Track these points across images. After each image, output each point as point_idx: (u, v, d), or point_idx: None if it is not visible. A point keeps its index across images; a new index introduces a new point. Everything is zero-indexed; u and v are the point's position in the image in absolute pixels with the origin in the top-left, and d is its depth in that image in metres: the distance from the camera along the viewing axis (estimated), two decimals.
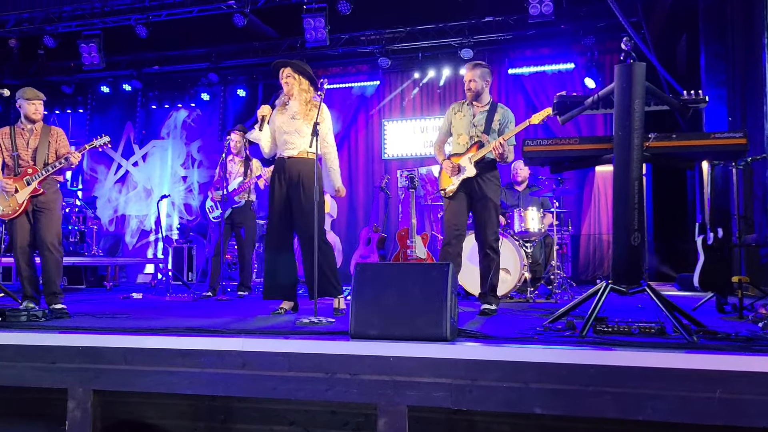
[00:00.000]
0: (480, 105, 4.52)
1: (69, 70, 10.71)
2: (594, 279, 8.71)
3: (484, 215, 4.39)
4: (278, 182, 4.40)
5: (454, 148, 4.59)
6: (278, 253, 4.37)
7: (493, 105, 4.54)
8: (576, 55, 9.17)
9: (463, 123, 4.53)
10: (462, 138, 4.52)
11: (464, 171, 4.41)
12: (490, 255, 4.41)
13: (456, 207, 4.47)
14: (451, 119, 4.63)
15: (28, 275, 4.67)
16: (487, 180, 4.41)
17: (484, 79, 4.48)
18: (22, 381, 3.32)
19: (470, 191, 4.44)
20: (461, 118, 4.55)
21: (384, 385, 2.89)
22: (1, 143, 4.70)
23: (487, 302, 4.43)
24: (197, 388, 3.15)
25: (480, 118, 4.48)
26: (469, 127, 4.49)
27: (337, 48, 9.52)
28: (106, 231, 10.90)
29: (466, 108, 4.57)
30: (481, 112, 4.50)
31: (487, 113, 4.49)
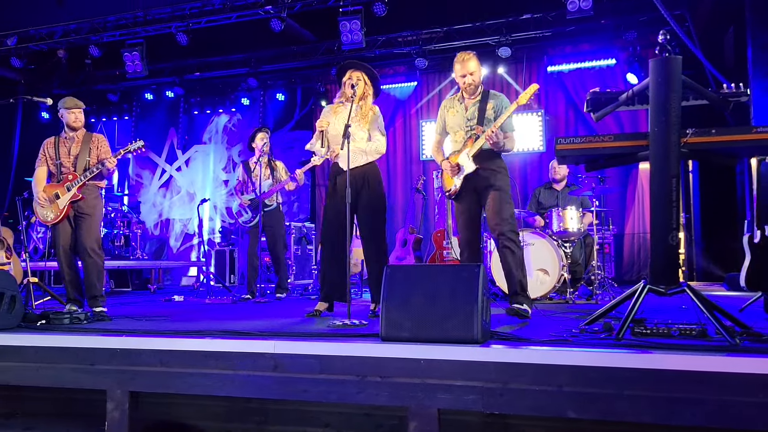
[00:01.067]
0: (472, 97, 4.27)
1: (114, 78, 11.01)
2: (639, 279, 8.40)
3: (492, 205, 4.12)
4: (334, 188, 4.39)
5: (453, 147, 4.37)
6: (331, 256, 4.36)
7: (484, 94, 4.28)
8: (617, 50, 8.96)
9: (457, 119, 4.31)
10: (458, 135, 4.31)
11: (463, 168, 4.18)
12: (508, 247, 4.08)
13: (464, 208, 4.28)
14: (444, 117, 4.41)
15: (70, 278, 4.81)
16: (491, 171, 4.17)
17: (479, 69, 4.27)
18: (63, 382, 3.40)
19: (475, 186, 4.21)
20: (454, 114, 4.33)
21: (414, 388, 2.87)
22: (46, 152, 4.85)
23: (518, 302, 4.07)
24: (230, 390, 3.19)
25: (473, 111, 4.23)
26: (464, 122, 4.26)
27: (374, 50, 9.53)
28: (151, 235, 11.16)
29: (457, 103, 4.34)
30: (473, 104, 4.25)
31: (479, 103, 4.23)
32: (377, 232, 4.36)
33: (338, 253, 4.31)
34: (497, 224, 4.10)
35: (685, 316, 3.90)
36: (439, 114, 4.48)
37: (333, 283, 4.35)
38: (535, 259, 5.43)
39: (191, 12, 8.93)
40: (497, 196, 4.12)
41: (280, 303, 5.89)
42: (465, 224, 4.28)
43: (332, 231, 4.37)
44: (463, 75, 4.22)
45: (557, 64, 9.33)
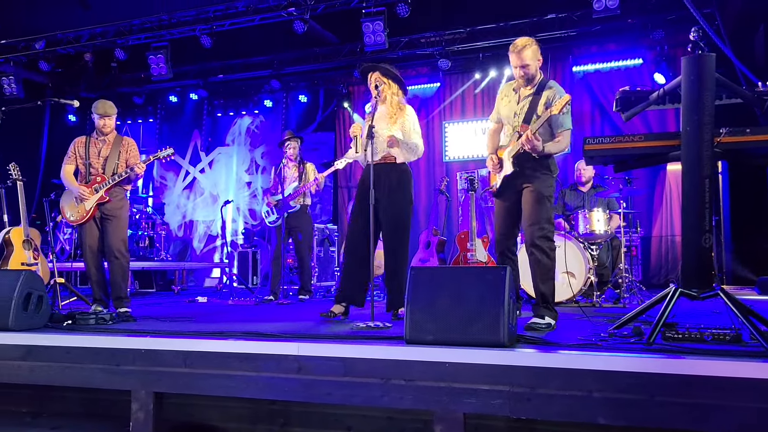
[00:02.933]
0: (526, 89, 3.91)
1: (139, 81, 11.12)
2: (667, 282, 8.34)
3: (528, 209, 3.84)
4: (363, 187, 4.32)
5: (502, 140, 4.10)
6: (354, 258, 4.34)
7: (540, 85, 3.89)
8: (644, 49, 8.82)
9: (507, 110, 3.99)
10: (508, 128, 4.00)
11: (505, 167, 3.96)
12: (535, 255, 3.80)
13: (502, 206, 4.06)
14: (498, 105, 4.11)
15: (96, 279, 4.85)
16: (534, 171, 3.85)
17: (536, 59, 3.88)
18: (89, 382, 3.42)
19: (517, 185, 3.92)
20: (507, 104, 4.01)
21: (440, 392, 2.82)
22: (76, 151, 4.90)
23: (539, 315, 3.80)
24: (254, 392, 3.17)
25: (524, 104, 3.90)
26: (512, 116, 3.95)
27: (397, 51, 9.50)
28: (175, 236, 11.24)
29: (512, 92, 4.01)
30: (526, 96, 3.90)
31: (532, 97, 3.87)
32: (399, 236, 4.33)
33: (360, 256, 4.28)
34: (527, 230, 3.88)
35: (717, 320, 3.80)
36: (496, 100, 4.18)
37: (353, 287, 4.34)
38: (561, 261, 5.32)
39: (215, 15, 8.98)
40: (532, 200, 3.83)
41: (302, 305, 5.88)
42: (499, 223, 4.10)
43: (356, 232, 4.34)
44: (515, 66, 3.88)
45: (582, 64, 9.22)
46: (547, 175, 3.91)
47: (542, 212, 3.83)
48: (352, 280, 4.34)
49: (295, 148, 6.43)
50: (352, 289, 4.37)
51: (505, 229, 4.09)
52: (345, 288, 4.39)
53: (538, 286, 3.86)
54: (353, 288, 4.37)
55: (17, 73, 10.32)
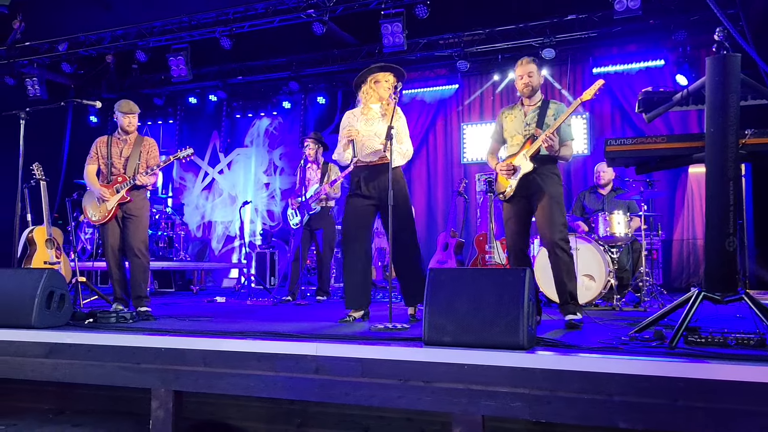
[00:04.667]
0: (531, 104, 4.26)
1: (160, 82, 11.22)
2: (688, 286, 8.25)
3: (546, 212, 4.04)
4: (359, 188, 4.37)
5: (509, 151, 4.32)
6: (357, 261, 4.33)
7: (544, 102, 4.26)
8: (666, 51, 8.72)
9: (515, 124, 4.28)
10: (516, 138, 4.26)
11: (520, 169, 4.14)
12: (560, 255, 4.00)
13: (514, 211, 4.21)
14: (502, 123, 4.38)
15: (117, 278, 4.89)
16: (545, 176, 4.11)
17: (539, 74, 4.29)
18: (110, 380, 3.45)
19: (529, 191, 4.14)
20: (512, 120, 4.31)
21: (458, 394, 2.81)
22: (98, 151, 4.96)
23: (570, 312, 4.01)
24: (272, 392, 3.18)
25: (532, 116, 4.20)
26: (522, 126, 4.23)
27: (415, 53, 9.48)
28: (194, 237, 11.32)
29: (516, 110, 4.33)
30: (533, 110, 4.23)
31: (539, 109, 4.21)
32: (408, 233, 4.32)
33: (363, 257, 4.30)
34: (549, 231, 4.02)
35: (741, 325, 3.75)
36: (497, 122, 4.44)
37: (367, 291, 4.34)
38: (581, 264, 5.29)
39: (234, 16, 9.04)
40: (550, 202, 4.05)
41: (320, 306, 5.90)
42: (514, 228, 4.21)
43: (357, 232, 4.34)
44: (521, 76, 4.23)
45: (603, 65, 9.13)
46: (557, 180, 4.18)
47: (560, 215, 4.06)
48: (364, 284, 4.34)
49: (312, 148, 6.42)
50: (366, 294, 4.39)
51: (519, 230, 4.22)
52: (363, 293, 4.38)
53: (565, 285, 4.01)
54: (366, 292, 4.38)
55: (40, 74, 10.47)
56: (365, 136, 4.39)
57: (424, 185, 9.98)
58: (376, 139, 4.35)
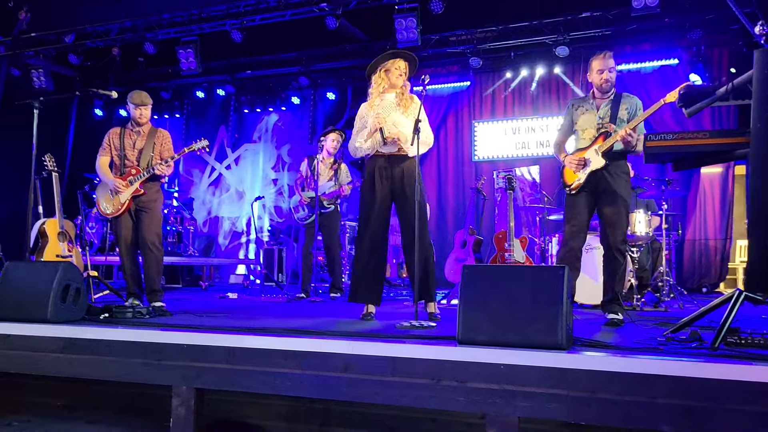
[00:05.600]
0: (604, 98, 4.26)
1: (166, 76, 11.12)
2: (700, 287, 8.18)
3: (613, 214, 4.06)
4: (376, 180, 4.25)
5: (579, 144, 4.30)
6: (371, 255, 4.22)
7: (617, 95, 4.26)
8: (680, 50, 8.63)
9: (588, 118, 4.25)
10: (587, 133, 4.24)
11: (590, 163, 4.11)
12: (618, 259, 4.06)
13: (577, 203, 4.18)
14: (572, 116, 4.35)
15: (131, 272, 4.81)
16: (615, 175, 4.10)
17: (616, 69, 4.30)
18: (129, 377, 3.37)
19: (596, 187, 4.14)
20: (583, 113, 4.27)
21: (494, 394, 2.73)
22: (111, 142, 4.87)
23: (613, 312, 4.07)
24: (299, 390, 3.09)
25: (605, 111, 4.20)
26: (596, 120, 4.21)
27: (427, 49, 9.39)
28: (200, 232, 11.22)
29: (587, 103, 4.30)
30: (605, 104, 4.23)
31: (612, 103, 4.21)
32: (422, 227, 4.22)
33: (376, 249, 4.22)
34: (611, 234, 4.07)
35: None
36: (567, 113, 4.42)
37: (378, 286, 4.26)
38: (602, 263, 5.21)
39: (245, 9, 8.93)
40: (620, 205, 4.07)
41: (335, 303, 5.81)
42: (573, 223, 4.19)
43: (370, 224, 4.22)
44: (601, 70, 4.20)
45: (617, 64, 9.00)
46: (627, 179, 4.21)
47: (626, 219, 4.14)
48: (377, 278, 4.26)
49: (337, 141, 6.30)
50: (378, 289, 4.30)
51: (581, 224, 4.20)
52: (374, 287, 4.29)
53: (614, 285, 4.08)
54: (378, 287, 4.29)
55: (46, 66, 10.36)
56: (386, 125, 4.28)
57: (434, 183, 9.87)
58: (393, 128, 4.23)
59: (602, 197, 4.12)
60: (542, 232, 6.00)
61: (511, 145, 9.57)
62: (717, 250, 8.44)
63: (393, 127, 4.22)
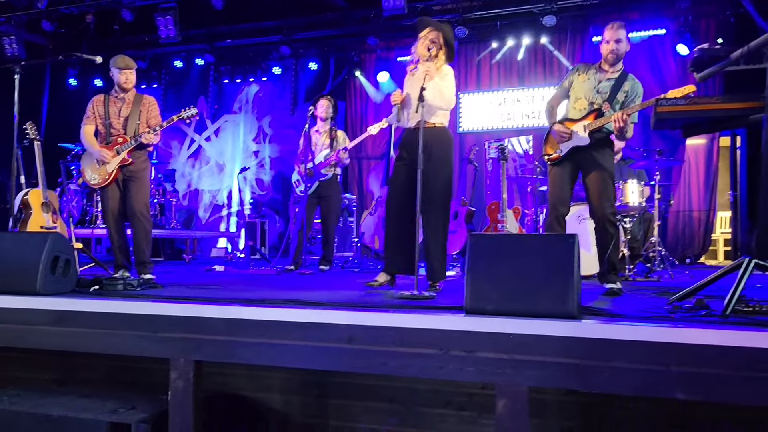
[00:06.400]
0: (610, 71, 4.15)
1: (143, 44, 10.79)
2: (683, 258, 8.26)
3: (599, 185, 4.04)
4: (401, 153, 4.24)
5: (569, 113, 4.22)
6: (399, 225, 4.20)
7: (623, 73, 4.14)
8: (667, 20, 8.60)
9: (585, 86, 4.14)
10: (580, 103, 4.15)
11: (576, 138, 4.06)
12: (609, 230, 4.05)
13: (560, 176, 4.16)
14: (572, 80, 4.23)
15: (119, 244, 4.68)
16: (599, 148, 4.10)
17: (627, 41, 4.15)
18: (124, 350, 3.27)
19: (580, 161, 4.12)
20: (584, 80, 4.16)
21: (503, 364, 2.69)
22: (95, 110, 4.69)
23: (610, 281, 4.07)
24: (301, 362, 3.02)
25: (606, 86, 4.09)
26: (592, 92, 4.10)
27: (412, 17, 9.21)
28: (180, 205, 11.03)
29: (592, 72, 4.19)
30: (609, 79, 4.11)
31: (615, 81, 4.10)
32: (442, 202, 4.18)
33: (407, 222, 4.14)
34: (602, 205, 4.04)
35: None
36: (568, 76, 4.32)
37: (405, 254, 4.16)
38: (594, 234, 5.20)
39: None
40: (605, 176, 4.05)
41: (324, 275, 5.74)
42: (558, 193, 4.16)
43: (398, 197, 4.22)
44: (608, 40, 4.12)
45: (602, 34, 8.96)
46: (611, 152, 4.21)
47: (612, 189, 4.11)
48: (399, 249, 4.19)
49: (327, 106, 6.16)
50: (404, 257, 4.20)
51: (562, 197, 4.16)
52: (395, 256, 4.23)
53: (609, 256, 4.07)
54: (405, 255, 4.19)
55: (18, 33, 9.98)
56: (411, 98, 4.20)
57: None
58: (414, 102, 4.11)
59: (586, 168, 4.10)
60: (534, 203, 5.97)
61: (497, 116, 9.50)
62: (701, 222, 8.52)
63: (414, 101, 4.09)
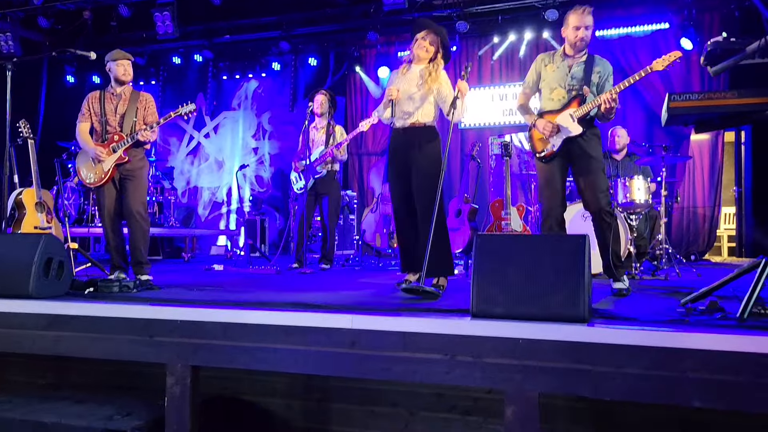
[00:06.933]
0: (577, 57, 3.96)
1: (141, 41, 10.66)
2: (688, 255, 8.15)
3: (591, 177, 3.88)
4: (395, 153, 4.18)
5: (546, 105, 4.05)
6: (406, 226, 4.16)
7: (590, 57, 3.97)
8: (671, 14, 8.49)
9: (558, 75, 3.96)
10: (557, 93, 3.97)
11: (565, 130, 3.89)
12: (606, 220, 3.90)
13: (552, 174, 4.00)
14: (540, 71, 4.07)
15: (115, 244, 4.58)
16: (588, 138, 3.90)
17: (593, 27, 3.96)
18: (119, 355, 3.17)
19: (570, 152, 3.93)
20: (553, 70, 3.99)
21: (513, 370, 2.59)
22: (90, 107, 4.59)
23: (618, 279, 3.94)
24: (302, 367, 2.93)
25: (578, 70, 3.92)
26: (566, 79, 3.93)
27: (413, 12, 9.10)
28: (179, 203, 10.92)
29: (558, 59, 4.01)
30: (578, 64, 3.94)
31: (584, 65, 3.93)
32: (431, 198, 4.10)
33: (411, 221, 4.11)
34: (595, 198, 3.88)
35: None
36: (534, 67, 4.14)
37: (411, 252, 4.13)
38: None
39: None
40: (594, 167, 3.88)
41: (328, 274, 5.64)
42: (553, 190, 4.00)
43: (398, 196, 4.18)
44: (577, 27, 3.88)
45: (606, 28, 8.87)
46: (598, 140, 4.00)
47: (604, 180, 3.93)
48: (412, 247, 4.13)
49: (322, 103, 6.06)
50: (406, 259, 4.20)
51: (558, 193, 4.01)
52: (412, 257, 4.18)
53: (611, 251, 3.92)
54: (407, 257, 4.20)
55: (14, 30, 9.86)
56: (402, 98, 4.16)
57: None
58: (409, 102, 4.12)
59: (577, 162, 3.93)
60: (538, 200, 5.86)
61: (498, 111, 9.40)
62: (706, 218, 8.43)
63: (410, 101, 4.10)
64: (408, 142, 4.12)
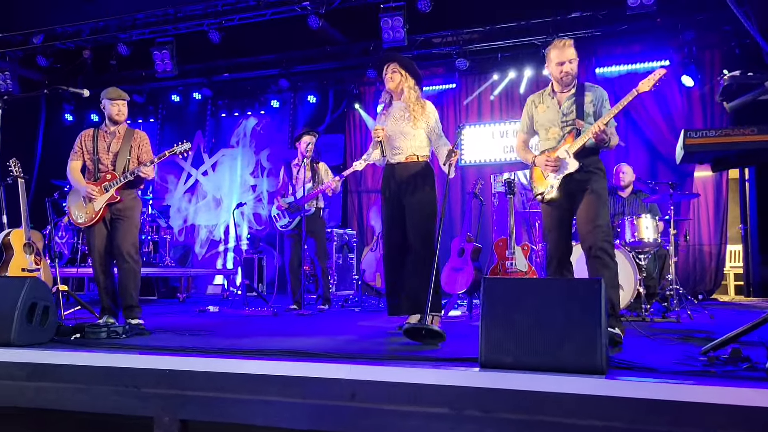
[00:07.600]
0: (565, 91, 3.78)
1: (140, 79, 10.66)
2: (695, 294, 7.95)
3: (590, 212, 3.62)
4: (388, 190, 4.14)
5: (544, 146, 3.87)
6: (398, 265, 4.05)
7: (579, 87, 3.78)
8: (672, 51, 8.44)
9: (550, 115, 3.80)
10: (552, 132, 3.80)
11: (563, 166, 3.66)
12: (600, 258, 3.54)
13: (556, 213, 3.78)
14: (531, 114, 3.93)
15: (105, 286, 4.40)
16: (590, 172, 3.69)
17: (577, 58, 3.77)
18: (104, 407, 2.97)
19: (571, 189, 3.70)
20: (545, 110, 3.84)
21: (524, 426, 2.40)
22: (83, 145, 4.46)
23: (609, 325, 3.43)
24: (298, 422, 2.73)
25: (568, 105, 3.73)
26: (559, 117, 3.76)
27: (412, 50, 9.07)
28: (176, 241, 10.75)
29: (547, 98, 3.84)
30: (568, 97, 3.75)
31: (575, 97, 3.73)
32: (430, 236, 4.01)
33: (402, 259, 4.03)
34: (589, 232, 3.60)
35: None
36: (525, 111, 3.99)
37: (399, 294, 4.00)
38: None
39: (224, 8, 8.55)
40: (593, 200, 3.63)
41: (326, 316, 5.44)
42: (557, 231, 3.79)
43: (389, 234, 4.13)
44: (561, 62, 3.70)
45: (606, 66, 8.84)
46: (602, 174, 3.78)
47: (605, 215, 3.67)
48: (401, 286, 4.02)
49: (311, 143, 6.02)
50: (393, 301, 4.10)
51: (563, 234, 3.82)
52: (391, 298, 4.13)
53: (609, 296, 3.48)
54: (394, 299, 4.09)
55: (13, 68, 9.84)
56: (391, 134, 4.16)
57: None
58: (400, 137, 4.11)
59: (577, 198, 3.71)
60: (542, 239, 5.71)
61: (498, 148, 9.31)
62: (712, 256, 8.25)
63: (401, 137, 4.12)
64: (401, 181, 4.09)
